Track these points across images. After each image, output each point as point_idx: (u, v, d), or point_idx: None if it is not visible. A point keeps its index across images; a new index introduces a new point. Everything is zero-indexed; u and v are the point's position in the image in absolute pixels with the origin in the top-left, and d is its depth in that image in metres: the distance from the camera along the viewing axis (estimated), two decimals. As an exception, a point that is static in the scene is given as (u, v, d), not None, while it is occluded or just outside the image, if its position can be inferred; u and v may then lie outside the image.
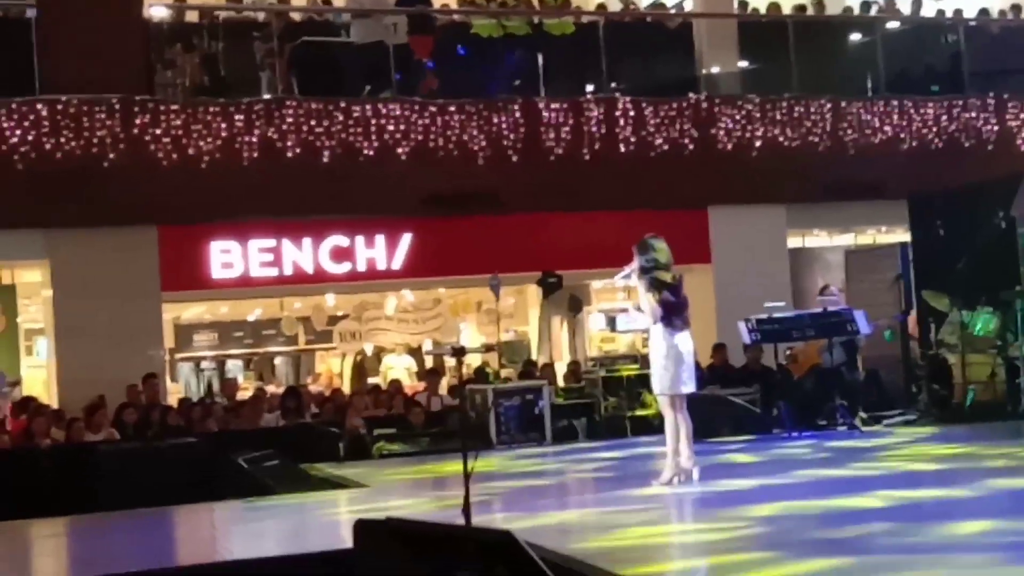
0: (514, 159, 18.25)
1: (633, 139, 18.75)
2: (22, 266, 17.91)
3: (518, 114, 18.32)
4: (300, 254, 17.94)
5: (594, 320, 21.87)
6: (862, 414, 14.64)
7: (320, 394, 18.44)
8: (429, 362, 21.32)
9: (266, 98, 17.56)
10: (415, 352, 21.95)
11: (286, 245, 17.88)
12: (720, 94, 19.67)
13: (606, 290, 21.83)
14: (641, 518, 8.73)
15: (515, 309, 21.92)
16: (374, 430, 15.25)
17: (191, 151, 16.95)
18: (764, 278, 18.79)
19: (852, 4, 21.74)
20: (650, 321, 10.31)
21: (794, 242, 20.52)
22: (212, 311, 21.66)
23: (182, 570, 8.12)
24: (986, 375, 14.62)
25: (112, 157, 16.65)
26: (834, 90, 19.88)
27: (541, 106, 18.51)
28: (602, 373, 16.16)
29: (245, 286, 18.02)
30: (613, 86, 19.24)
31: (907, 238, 17.78)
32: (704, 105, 19.23)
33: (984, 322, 14.67)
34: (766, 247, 19.40)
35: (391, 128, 17.77)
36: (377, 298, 21.42)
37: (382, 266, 18.30)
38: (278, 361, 22.82)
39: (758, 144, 19.27)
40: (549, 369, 18.21)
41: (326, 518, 10.33)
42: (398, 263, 18.32)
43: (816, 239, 21.37)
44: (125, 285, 16.77)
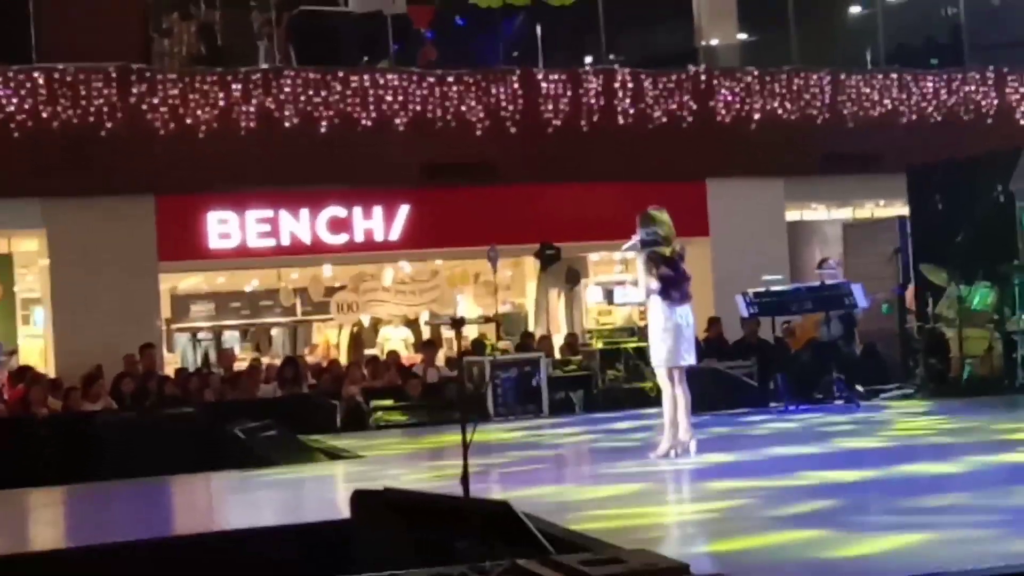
0: (512, 130, 18.22)
1: (632, 111, 18.72)
2: (19, 235, 17.89)
3: (516, 85, 18.27)
4: (297, 225, 17.92)
5: (591, 293, 21.86)
6: (859, 387, 14.64)
7: (317, 365, 18.44)
8: (426, 333, 21.32)
9: (264, 68, 17.51)
10: (412, 323, 21.95)
11: (283, 216, 17.85)
12: (719, 66, 19.64)
13: (604, 262, 21.83)
14: (638, 490, 8.74)
15: (512, 281, 21.90)
16: (371, 401, 15.25)
17: (188, 121, 16.91)
18: (762, 251, 18.80)
19: (852, -24, 21.71)
20: (643, 295, 10.27)
21: (792, 215, 20.52)
22: (209, 281, 21.64)
23: (179, 539, 8.12)
24: (983, 349, 14.61)
25: (109, 126, 16.61)
26: (833, 63, 19.85)
27: (539, 77, 18.47)
28: (599, 345, 16.16)
29: (242, 256, 18.01)
30: (612, 57, 19.20)
31: (905, 212, 17.76)
32: (703, 77, 19.19)
33: (982, 296, 14.66)
34: (764, 220, 19.40)
35: (389, 98, 17.72)
36: (374, 269, 21.41)
37: (379, 237, 18.30)
38: (275, 332, 22.82)
39: (757, 117, 19.23)
40: (546, 341, 18.21)
41: (323, 489, 10.33)
42: (396, 234, 18.31)
43: (814, 212, 21.37)
44: (122, 255, 16.76)
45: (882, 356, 16.59)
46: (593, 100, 18.62)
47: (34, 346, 18.89)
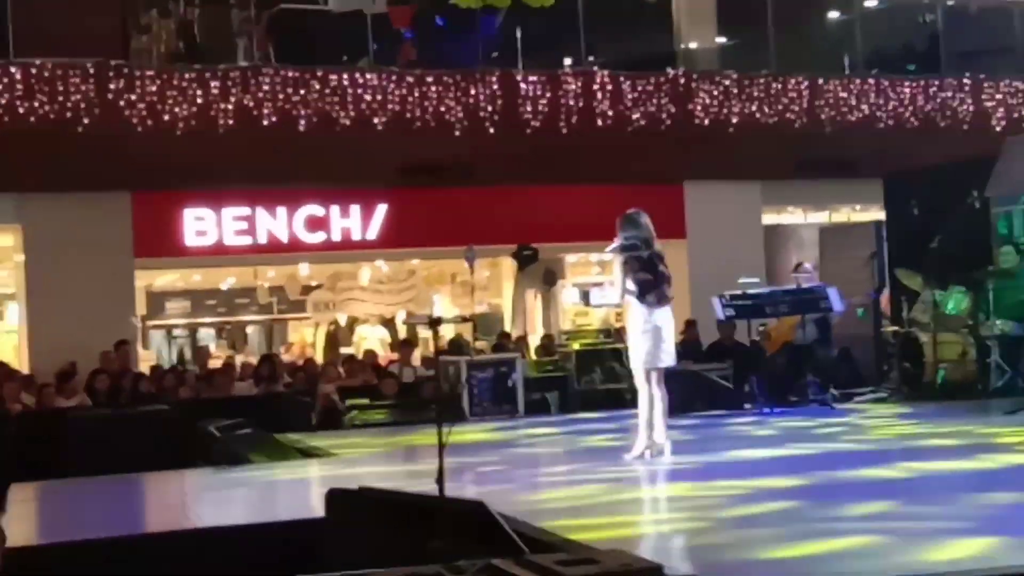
0: (491, 131, 18.22)
1: (610, 113, 18.74)
2: (-6, 230, 17.81)
3: (496, 86, 18.27)
4: (275, 223, 17.90)
5: (568, 294, 21.89)
6: (833, 391, 14.70)
7: (292, 363, 18.42)
8: (403, 333, 21.31)
9: (242, 65, 17.46)
10: (389, 323, 21.94)
11: (260, 214, 17.83)
12: (698, 70, 19.68)
13: (581, 264, 21.87)
14: (612, 490, 8.76)
15: (489, 281, 21.92)
16: (346, 400, 15.24)
17: (166, 118, 16.85)
18: (739, 254, 18.86)
19: (831, -18, 21.78)
20: (618, 297, 10.32)
21: (769, 219, 20.58)
22: (185, 279, 21.58)
23: (152, 537, 8.10)
24: (957, 354, 14.69)
25: (86, 122, 16.54)
26: (811, 68, 19.91)
27: (519, 78, 18.47)
28: (575, 347, 16.18)
29: (219, 254, 17.98)
30: (591, 60, 19.22)
31: (881, 216, 17.83)
32: (682, 80, 19.23)
33: (956, 301, 14.74)
34: (741, 223, 19.47)
35: (368, 98, 17.70)
36: (351, 268, 21.39)
37: (357, 236, 18.29)
38: (251, 330, 22.78)
39: (735, 120, 19.28)
40: (523, 342, 18.23)
41: (297, 487, 10.32)
42: (373, 233, 18.30)
43: (791, 216, 21.44)
44: (98, 251, 16.71)
45: (857, 360, 16.65)
46: (572, 102, 18.64)
47: (8, 342, 18.82)
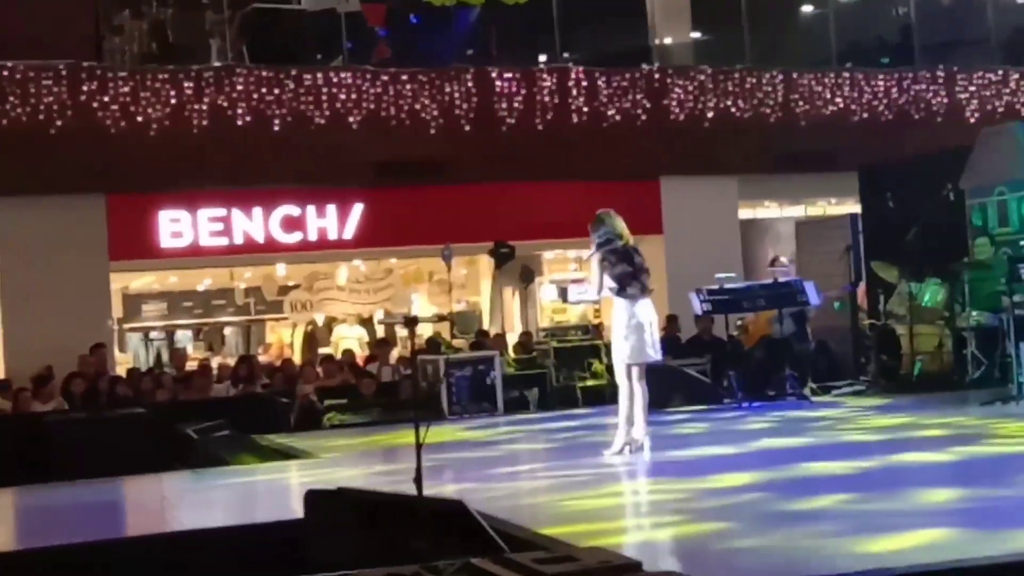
0: (466, 129, 18.21)
1: (586, 109, 18.75)
2: (-33, 234, 17.69)
3: (470, 84, 18.26)
4: (250, 223, 17.83)
5: (546, 291, 21.89)
6: (811, 384, 14.73)
7: (270, 364, 18.36)
8: (381, 332, 21.27)
9: (216, 65, 17.41)
10: (366, 322, 21.90)
11: (236, 214, 17.76)
12: (673, 65, 19.70)
13: (558, 261, 21.86)
14: (592, 488, 8.75)
15: (467, 279, 21.89)
16: (325, 400, 15.20)
17: (140, 119, 16.79)
18: (715, 249, 18.88)
19: (805, -24, 21.84)
20: (594, 293, 10.32)
21: (745, 213, 20.61)
22: (161, 281, 21.49)
23: (132, 540, 8.06)
24: (933, 346, 14.74)
25: (59, 124, 16.47)
26: (786, 62, 19.95)
27: (493, 76, 18.46)
28: (554, 344, 16.18)
29: (195, 255, 17.90)
30: (566, 56, 19.21)
31: (857, 209, 17.88)
32: (657, 76, 19.25)
33: (932, 293, 14.78)
34: (718, 218, 19.48)
35: (343, 97, 17.66)
36: (328, 268, 21.34)
37: (333, 236, 18.24)
38: (228, 331, 22.70)
39: (710, 115, 19.31)
40: (501, 339, 18.21)
41: (276, 488, 10.29)
42: (349, 233, 18.25)
43: (767, 210, 21.48)
44: (73, 254, 16.62)
45: (834, 353, 16.69)
46: (547, 99, 18.64)
47: (-17, 346, 18.68)
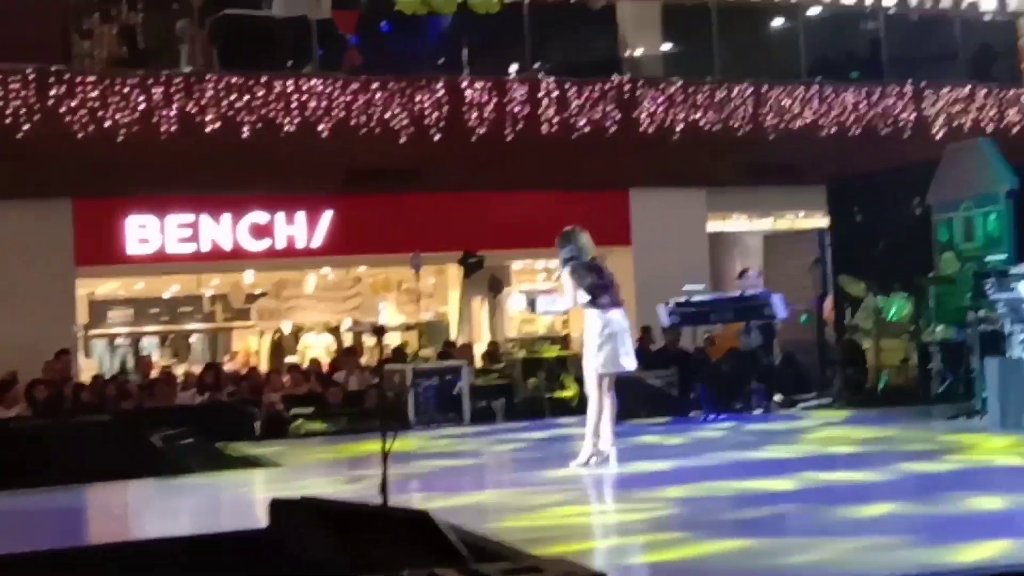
0: (437, 137, 18.20)
1: (556, 120, 18.77)
2: (-67, 238, 17.54)
3: (441, 92, 18.26)
4: (219, 230, 17.76)
5: (514, 301, 21.88)
6: (777, 397, 14.78)
7: (236, 372, 18.28)
8: (348, 341, 21.21)
9: (186, 71, 17.34)
10: (334, 331, 21.83)
11: (204, 221, 17.68)
12: (643, 76, 19.75)
13: (526, 271, 21.87)
14: (558, 499, 8.75)
15: (435, 289, 21.86)
16: (291, 409, 15.14)
17: (108, 124, 16.70)
18: (684, 261, 18.92)
19: (774, -11, 21.92)
20: (571, 303, 10.33)
21: (714, 226, 20.67)
22: (127, 287, 21.36)
23: (95, 549, 8.00)
24: (899, 360, 14.82)
25: (27, 128, 16.37)
26: (755, 75, 20.03)
27: (464, 85, 18.47)
28: (521, 354, 16.20)
29: (162, 262, 17.81)
30: (537, 66, 19.24)
31: (825, 223, 17.96)
32: (627, 87, 19.30)
33: (898, 307, 14.86)
34: (686, 230, 19.53)
35: (313, 104, 17.63)
36: (296, 276, 21.27)
37: (302, 244, 18.19)
38: (194, 339, 22.57)
39: (680, 127, 19.36)
40: (468, 350, 18.19)
41: (241, 497, 10.24)
42: (318, 241, 18.21)
43: (735, 223, 21.55)
44: (38, 259, 16.52)
45: (801, 366, 16.76)
46: (518, 108, 18.65)
47: (-53, 351, 18.51)
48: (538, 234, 16.24)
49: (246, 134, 17.33)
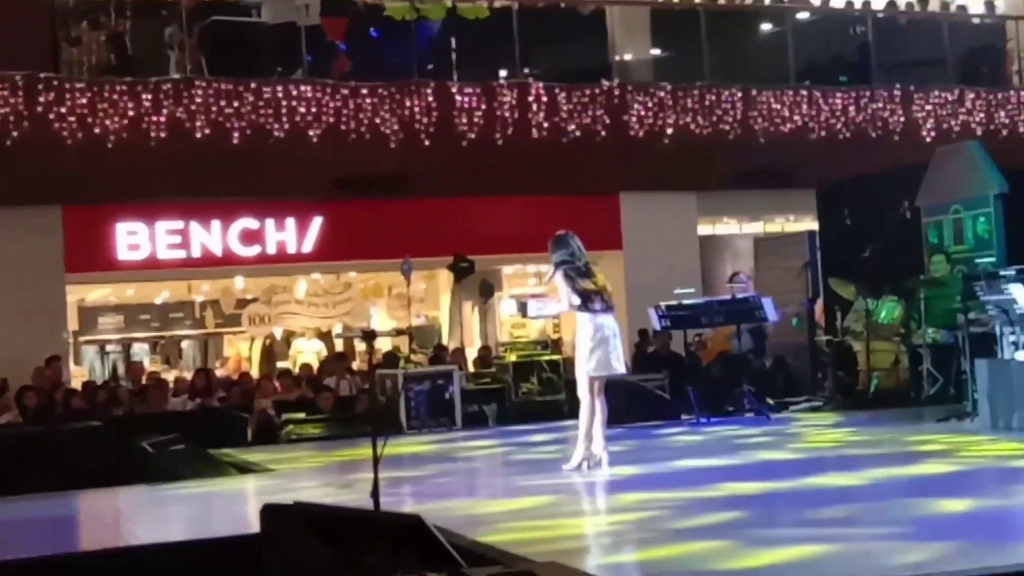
0: (426, 143, 18.20)
1: (545, 125, 18.78)
2: (-78, 245, 17.50)
3: (431, 98, 18.26)
4: (209, 236, 17.75)
5: (505, 305, 21.86)
6: (769, 400, 14.79)
7: (227, 378, 18.26)
8: (339, 346, 21.20)
9: (175, 77, 17.32)
10: (325, 336, 21.82)
11: (194, 227, 17.67)
12: (632, 81, 19.76)
13: (517, 275, 21.87)
14: (550, 503, 8.75)
15: (426, 294, 21.86)
16: (282, 414, 15.12)
17: (97, 130, 16.68)
18: (674, 265, 18.94)
19: (763, -7, 21.97)
20: (564, 307, 10.35)
21: (704, 229, 20.70)
22: (118, 293, 21.34)
23: (86, 555, 7.98)
24: (890, 362, 14.84)
25: (15, 135, 16.35)
26: (745, 79, 20.06)
27: (454, 90, 18.46)
28: (512, 358, 16.18)
29: (152, 268, 17.79)
30: (526, 71, 19.25)
31: (815, 226, 17.99)
32: (616, 92, 19.31)
33: (888, 310, 14.88)
34: (677, 234, 19.55)
35: (302, 110, 17.62)
36: (287, 282, 21.26)
37: (292, 249, 18.18)
38: (185, 345, 22.55)
39: (669, 131, 19.38)
40: (460, 354, 18.19)
41: (233, 503, 10.23)
42: (308, 246, 18.20)
43: (726, 226, 21.57)
44: (28, 266, 16.50)
45: (791, 369, 16.77)
46: (507, 114, 18.66)
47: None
48: (529, 239, 16.26)
49: (236, 140, 17.31)
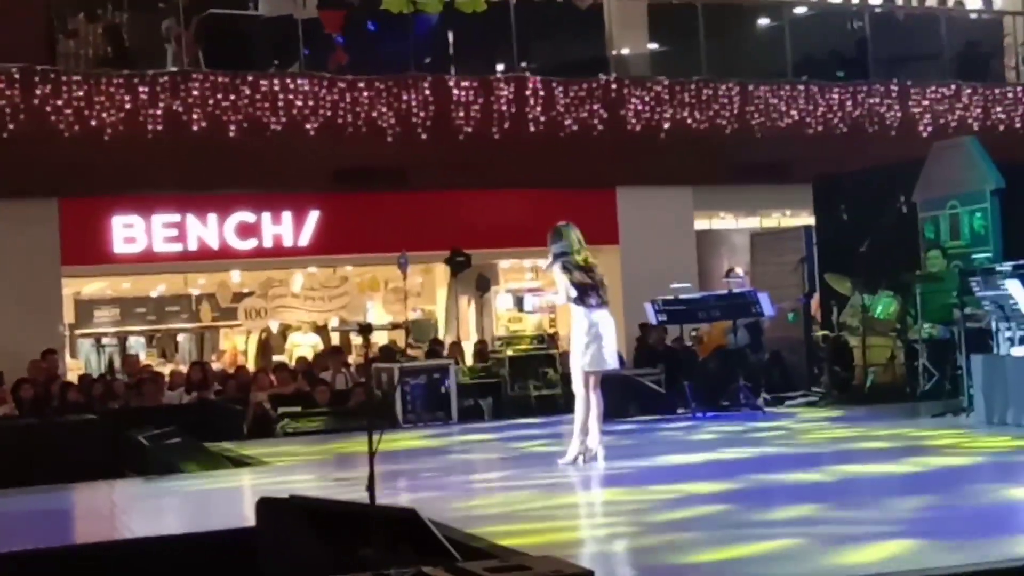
0: (423, 136, 18.19)
1: (543, 119, 18.78)
2: (-82, 238, 17.49)
3: (428, 91, 18.25)
4: (205, 230, 17.73)
5: (502, 300, 21.88)
6: (765, 395, 14.80)
7: (223, 371, 18.25)
8: (335, 340, 21.18)
9: (171, 70, 17.31)
10: (321, 330, 21.81)
11: (191, 220, 17.66)
12: (629, 75, 19.76)
13: (514, 270, 21.88)
14: (545, 496, 8.76)
15: (423, 287, 21.86)
16: (278, 408, 15.12)
17: (94, 123, 16.67)
18: (671, 259, 18.94)
19: (761, -11, 21.97)
20: (562, 299, 10.38)
21: (701, 224, 20.70)
22: (114, 286, 21.33)
23: (82, 548, 7.98)
24: (886, 357, 14.84)
25: (12, 128, 16.33)
26: (742, 73, 20.06)
27: (451, 84, 18.46)
28: (509, 353, 16.18)
29: (148, 261, 17.78)
30: (523, 65, 19.24)
31: (811, 221, 18.00)
32: (613, 86, 19.31)
33: (884, 305, 14.89)
34: (673, 228, 19.56)
35: (299, 103, 17.61)
36: (283, 275, 21.24)
37: (288, 243, 18.17)
38: (181, 338, 22.54)
39: (666, 126, 19.38)
40: (456, 348, 18.19)
41: (228, 496, 10.22)
42: (305, 240, 18.19)
43: (722, 221, 21.58)
44: (24, 259, 16.49)
45: (788, 364, 16.79)
46: (504, 107, 18.65)
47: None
48: (525, 233, 16.28)
49: (232, 133, 17.30)
